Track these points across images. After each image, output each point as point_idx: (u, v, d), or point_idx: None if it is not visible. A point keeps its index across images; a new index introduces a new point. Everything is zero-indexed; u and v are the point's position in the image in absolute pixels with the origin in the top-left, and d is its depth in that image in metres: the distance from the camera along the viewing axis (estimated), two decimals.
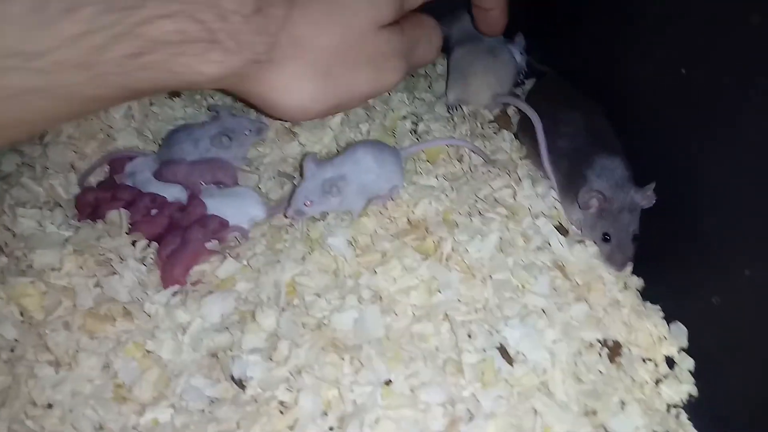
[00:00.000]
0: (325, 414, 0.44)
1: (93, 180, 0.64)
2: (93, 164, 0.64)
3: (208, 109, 0.72)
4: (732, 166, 0.45)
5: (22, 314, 0.49)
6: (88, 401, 0.44)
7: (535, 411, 0.45)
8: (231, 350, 0.48)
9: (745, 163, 0.44)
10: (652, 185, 0.52)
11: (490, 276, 0.53)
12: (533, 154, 0.64)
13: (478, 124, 0.74)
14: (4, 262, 0.51)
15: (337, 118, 0.70)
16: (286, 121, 0.65)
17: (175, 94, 0.73)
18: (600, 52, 0.64)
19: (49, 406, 0.44)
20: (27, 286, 0.49)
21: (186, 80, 0.42)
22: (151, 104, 0.71)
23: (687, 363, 0.50)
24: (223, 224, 0.60)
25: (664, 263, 0.54)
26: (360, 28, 0.48)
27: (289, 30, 0.44)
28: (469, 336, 0.49)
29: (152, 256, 0.56)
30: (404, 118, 0.72)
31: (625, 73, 0.59)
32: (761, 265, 0.43)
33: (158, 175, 0.63)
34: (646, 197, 0.53)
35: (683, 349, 0.51)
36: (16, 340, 0.47)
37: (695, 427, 0.47)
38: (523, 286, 0.53)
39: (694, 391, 0.49)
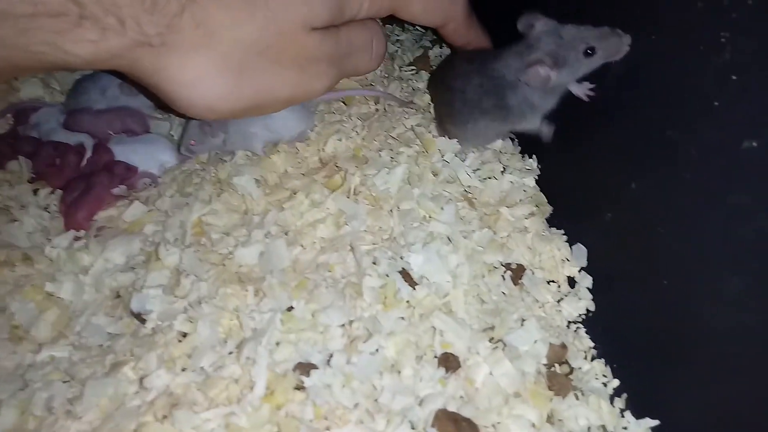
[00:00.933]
0: (225, 341, 0.44)
1: None
2: None
3: None
4: (614, 85, 0.47)
5: None
6: None
7: (435, 329, 0.46)
8: (134, 288, 0.48)
9: (625, 81, 0.45)
10: None
11: (397, 207, 0.54)
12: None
13: (396, 66, 0.74)
14: None
15: None
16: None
17: None
18: None
19: None
20: None
21: (53, 61, 0.36)
22: None
23: (586, 281, 0.52)
24: (131, 170, 0.59)
25: (566, 188, 0.56)
26: (287, 26, 0.42)
27: (195, 13, 0.39)
28: (374, 263, 0.49)
29: (56, 204, 0.55)
30: None
31: None
32: (643, 177, 0.44)
33: (66, 125, 0.62)
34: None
35: (583, 268, 0.52)
36: None
37: (592, 339, 0.49)
38: (429, 216, 0.54)
39: (592, 306, 0.51)
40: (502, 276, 0.52)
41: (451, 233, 0.52)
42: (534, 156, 0.61)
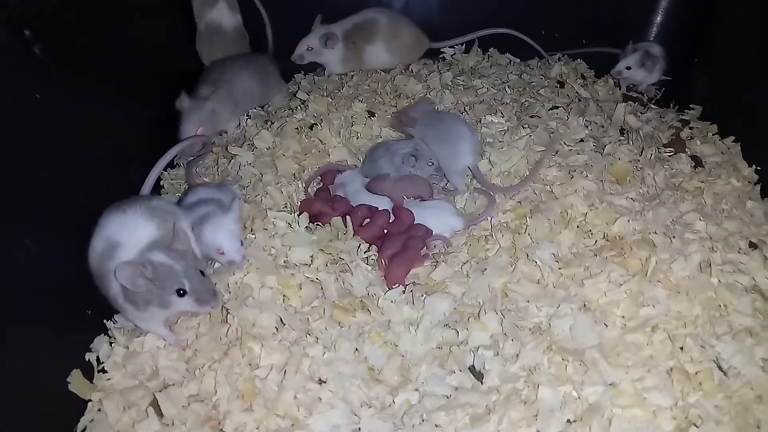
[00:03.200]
0: (561, 408, 0.48)
1: (310, 189, 0.73)
2: (312, 175, 0.73)
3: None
4: None
5: (284, 302, 0.57)
6: (351, 380, 0.51)
7: (757, 421, 0.48)
8: (459, 346, 0.54)
9: None
10: None
11: (696, 294, 0.57)
12: None
13: (655, 148, 0.77)
14: (269, 258, 0.60)
15: (523, 141, 0.76)
16: None
17: (371, 114, 0.82)
18: None
19: (321, 381, 0.52)
20: (289, 278, 0.58)
21: None
22: (353, 125, 0.80)
23: None
24: (429, 232, 0.66)
25: None
26: None
27: None
28: (682, 348, 0.53)
29: (373, 258, 0.64)
30: (581, 141, 0.77)
31: None
32: None
33: (368, 188, 0.71)
34: None
35: None
36: (283, 323, 0.55)
37: None
38: (726, 306, 0.56)
39: None
40: None
41: (751, 325, 0.54)
42: None
